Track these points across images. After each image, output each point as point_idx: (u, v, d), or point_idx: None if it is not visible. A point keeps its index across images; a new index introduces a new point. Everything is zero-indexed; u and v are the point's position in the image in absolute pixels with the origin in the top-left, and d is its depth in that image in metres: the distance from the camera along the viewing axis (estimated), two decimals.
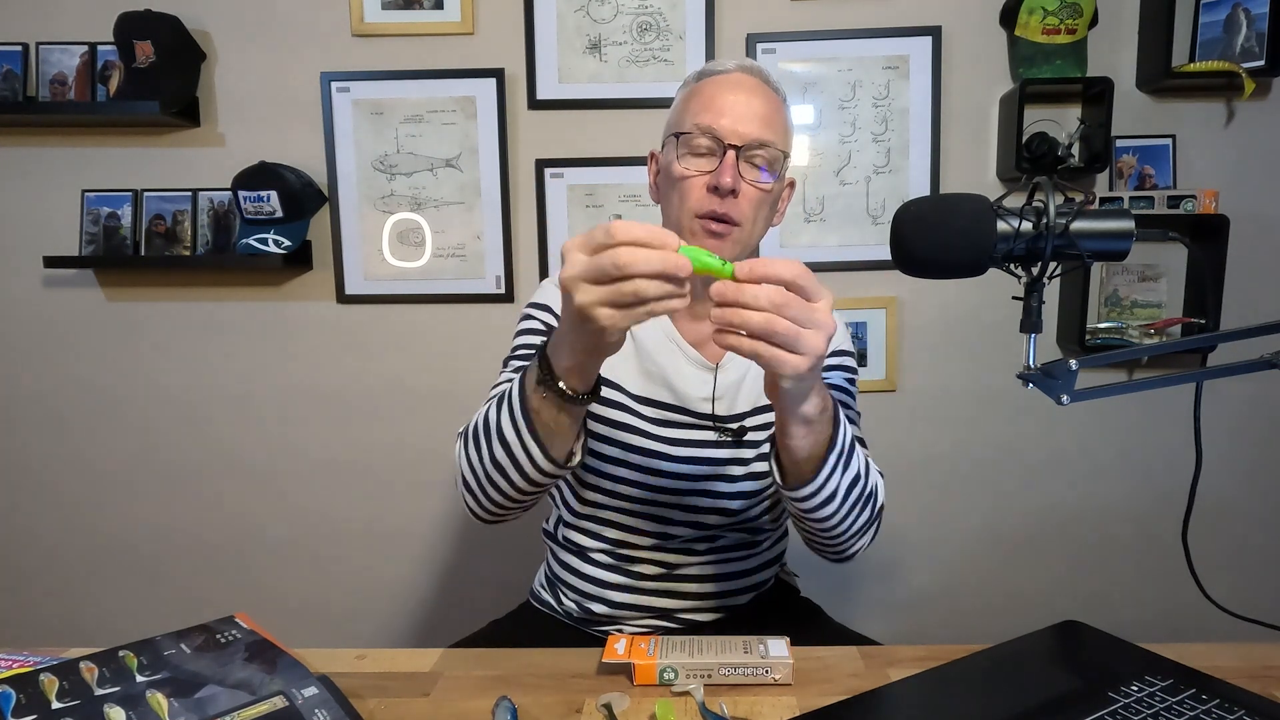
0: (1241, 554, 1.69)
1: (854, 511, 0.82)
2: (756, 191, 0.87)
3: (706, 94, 0.88)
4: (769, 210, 0.91)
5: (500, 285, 1.67)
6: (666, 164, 0.91)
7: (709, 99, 0.88)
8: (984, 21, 1.59)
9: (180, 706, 0.62)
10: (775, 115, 0.89)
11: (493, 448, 0.76)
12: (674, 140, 0.88)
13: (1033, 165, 1.51)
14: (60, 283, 1.71)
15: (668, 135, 0.92)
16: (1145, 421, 1.67)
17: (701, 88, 0.90)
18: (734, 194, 0.85)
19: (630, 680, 0.72)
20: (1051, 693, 0.66)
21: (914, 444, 1.70)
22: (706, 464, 0.94)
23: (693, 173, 0.87)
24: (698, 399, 0.94)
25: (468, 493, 0.82)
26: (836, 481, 0.76)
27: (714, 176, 0.85)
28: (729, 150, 0.85)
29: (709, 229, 0.87)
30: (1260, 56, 1.49)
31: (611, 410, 0.94)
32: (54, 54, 1.63)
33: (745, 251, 0.91)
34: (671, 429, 0.94)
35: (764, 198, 0.88)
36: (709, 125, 0.86)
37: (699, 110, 0.87)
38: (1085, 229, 0.62)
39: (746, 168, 0.86)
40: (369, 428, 1.73)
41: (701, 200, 0.86)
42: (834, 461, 0.75)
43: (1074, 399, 0.65)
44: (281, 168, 1.60)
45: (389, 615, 1.79)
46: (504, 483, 0.77)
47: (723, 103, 0.87)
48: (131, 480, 1.76)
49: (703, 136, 0.86)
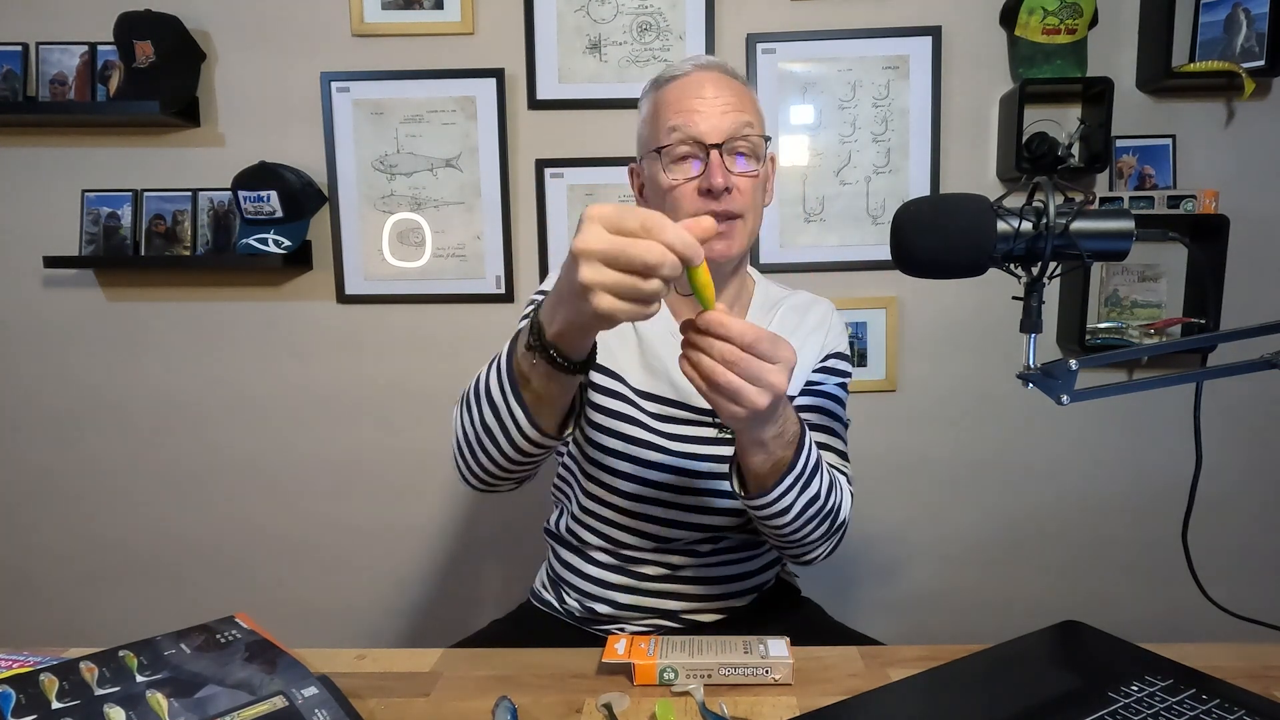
0: (1241, 554, 1.69)
1: (809, 526, 0.82)
2: (748, 180, 0.87)
3: (673, 100, 0.88)
4: (762, 194, 0.92)
5: (500, 285, 1.67)
6: (652, 177, 0.90)
7: (677, 103, 0.87)
8: (984, 21, 1.59)
9: (180, 706, 0.62)
10: (744, 101, 0.88)
11: (483, 411, 0.74)
12: (655, 155, 0.88)
13: (1033, 165, 1.51)
14: (60, 283, 1.71)
15: (645, 150, 0.92)
16: (1145, 421, 1.67)
17: (665, 95, 0.89)
18: (728, 190, 0.85)
19: (630, 680, 0.72)
20: (1051, 693, 0.66)
21: (914, 444, 1.70)
22: (706, 460, 0.94)
23: (680, 180, 0.87)
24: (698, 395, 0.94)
25: (459, 455, 0.80)
26: (791, 499, 0.77)
27: (704, 179, 0.85)
28: (711, 150, 0.85)
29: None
30: (1260, 56, 1.49)
31: (613, 401, 0.94)
32: (54, 54, 1.63)
33: (751, 239, 0.91)
34: (672, 424, 0.94)
35: (756, 184, 0.89)
36: (685, 130, 0.86)
37: (670, 117, 0.87)
38: (1085, 229, 0.62)
39: (732, 160, 0.87)
40: (369, 428, 1.73)
41: (697, 205, 0.86)
42: (789, 483, 0.76)
43: (1074, 399, 0.65)
44: (281, 168, 1.60)
45: (389, 615, 1.79)
46: (493, 449, 0.75)
47: (691, 104, 0.86)
48: (131, 480, 1.76)
49: (682, 144, 0.86)
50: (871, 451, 1.67)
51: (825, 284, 1.65)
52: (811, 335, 0.98)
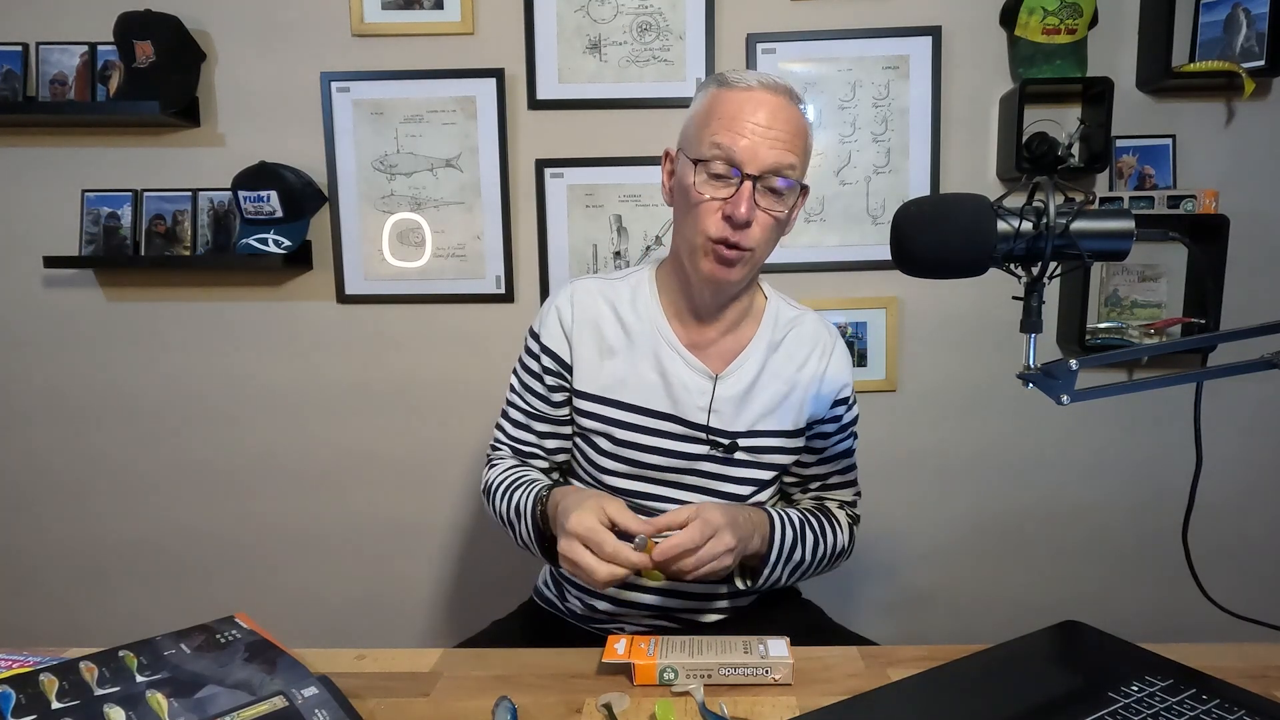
0: (1241, 554, 1.69)
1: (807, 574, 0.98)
2: (769, 218, 0.87)
3: (728, 112, 0.85)
4: (779, 231, 0.91)
5: (500, 285, 1.67)
6: (683, 177, 0.90)
7: (730, 118, 0.85)
8: (984, 21, 1.59)
9: (180, 706, 0.62)
10: (795, 141, 0.86)
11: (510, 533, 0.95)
12: (691, 165, 0.87)
13: (1033, 165, 1.51)
14: (60, 283, 1.71)
15: (685, 148, 0.91)
16: (1145, 421, 1.67)
17: (723, 103, 0.87)
18: (748, 224, 0.85)
19: (630, 680, 0.72)
20: (1051, 693, 0.66)
21: (914, 443, 1.70)
22: (696, 475, 0.95)
23: (708, 197, 0.86)
24: (694, 408, 0.95)
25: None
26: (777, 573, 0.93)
27: (730, 205, 0.85)
28: (745, 180, 0.84)
29: (720, 255, 0.87)
30: (1260, 56, 1.49)
31: (605, 408, 0.95)
32: (54, 54, 1.63)
33: (754, 272, 0.93)
34: (664, 439, 0.95)
35: (777, 224, 0.88)
36: (728, 151, 0.84)
37: (719, 130, 0.85)
38: (1085, 229, 0.62)
39: (763, 195, 0.86)
40: (369, 428, 1.73)
41: (717, 227, 0.86)
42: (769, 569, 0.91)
43: (1074, 399, 0.65)
44: (281, 168, 1.60)
45: (390, 615, 1.79)
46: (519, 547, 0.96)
47: (743, 127, 0.84)
48: (130, 480, 1.76)
49: (720, 162, 0.85)
50: (872, 451, 1.67)
51: (825, 284, 1.65)
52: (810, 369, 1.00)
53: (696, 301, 0.95)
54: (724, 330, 0.97)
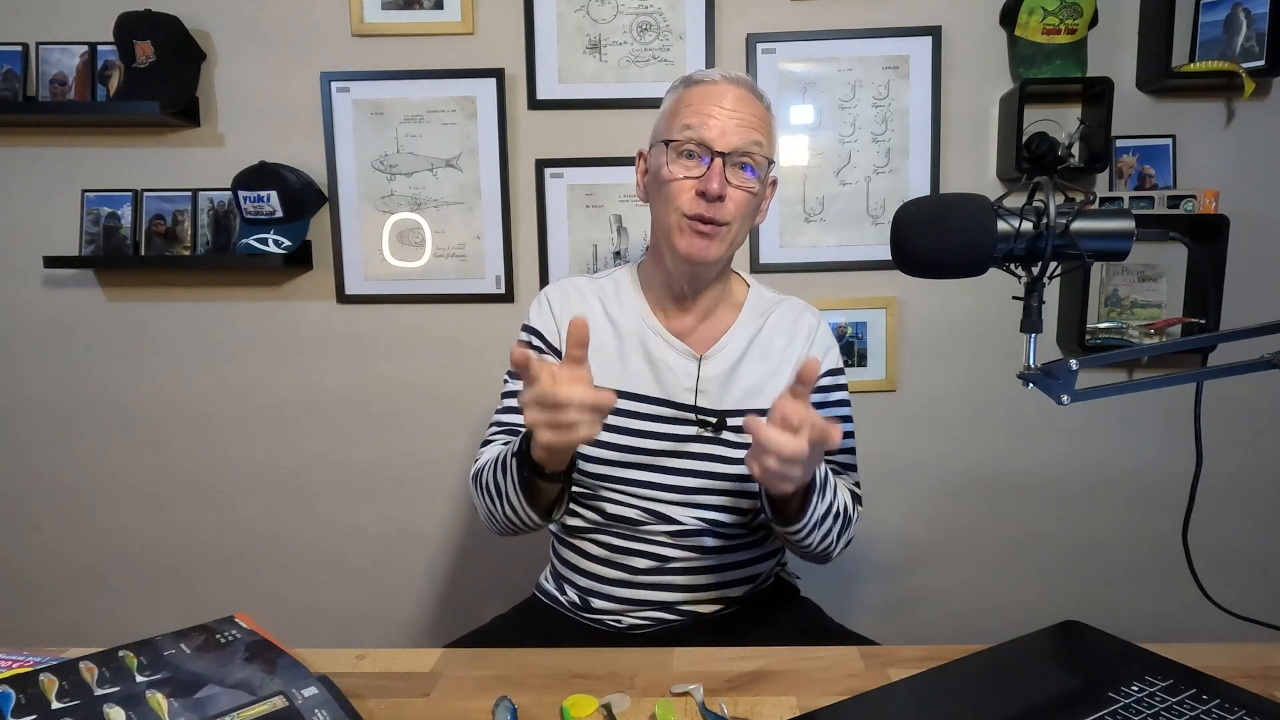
0: (1241, 554, 1.69)
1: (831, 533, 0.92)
2: (742, 194, 0.92)
3: (695, 102, 0.92)
4: (754, 210, 0.96)
5: (500, 285, 1.67)
6: (656, 167, 0.95)
7: (697, 107, 0.92)
8: (984, 21, 1.59)
9: (180, 706, 0.62)
10: (760, 123, 0.93)
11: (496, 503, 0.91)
12: (663, 146, 0.93)
13: (1033, 165, 1.51)
14: (60, 283, 1.71)
15: (656, 140, 0.97)
16: (1145, 421, 1.67)
17: (689, 95, 0.94)
18: (721, 198, 0.90)
19: (630, 680, 0.72)
20: (1051, 693, 0.66)
21: (914, 443, 1.70)
22: (687, 457, 0.96)
23: (681, 176, 0.91)
24: (681, 389, 0.97)
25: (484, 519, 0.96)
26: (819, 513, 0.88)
27: (702, 182, 0.90)
28: (716, 157, 0.90)
29: (697, 229, 0.91)
30: (1260, 56, 1.49)
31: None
32: (54, 54, 1.63)
33: (732, 248, 0.96)
34: (653, 423, 0.97)
35: (749, 199, 0.93)
36: (698, 132, 0.90)
37: (687, 116, 0.92)
38: (1085, 229, 0.62)
39: (733, 172, 0.91)
40: (369, 428, 1.73)
41: (691, 203, 0.91)
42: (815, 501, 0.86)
43: (1074, 399, 0.65)
44: (281, 168, 1.60)
45: (390, 616, 1.79)
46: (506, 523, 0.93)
47: (710, 110, 0.91)
48: (131, 480, 1.76)
49: (691, 143, 0.91)
50: (871, 452, 1.67)
51: (825, 284, 1.65)
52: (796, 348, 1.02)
53: (675, 289, 0.99)
54: (704, 314, 1.01)
